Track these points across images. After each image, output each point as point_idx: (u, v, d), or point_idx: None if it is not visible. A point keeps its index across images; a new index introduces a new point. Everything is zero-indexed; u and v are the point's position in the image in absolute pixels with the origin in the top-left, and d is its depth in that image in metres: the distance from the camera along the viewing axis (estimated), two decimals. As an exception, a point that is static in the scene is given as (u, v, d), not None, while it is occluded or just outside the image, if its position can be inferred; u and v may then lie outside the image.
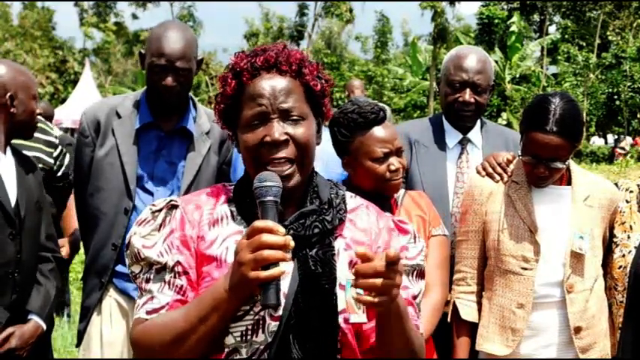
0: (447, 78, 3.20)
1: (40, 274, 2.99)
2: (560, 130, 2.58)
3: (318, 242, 1.66)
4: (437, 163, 3.17)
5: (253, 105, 1.66)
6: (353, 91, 8.16)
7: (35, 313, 2.92)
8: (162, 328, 1.59)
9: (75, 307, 6.29)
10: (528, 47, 34.73)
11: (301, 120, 1.67)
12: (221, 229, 1.68)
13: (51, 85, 35.95)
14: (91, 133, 3.15)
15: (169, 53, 3.00)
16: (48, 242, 3.04)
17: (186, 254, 1.66)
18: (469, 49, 3.30)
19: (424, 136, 3.22)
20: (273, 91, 1.66)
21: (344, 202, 1.76)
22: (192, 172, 3.11)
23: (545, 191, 2.76)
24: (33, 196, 2.93)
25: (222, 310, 1.55)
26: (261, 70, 1.68)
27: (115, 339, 3.13)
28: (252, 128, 1.66)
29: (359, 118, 2.66)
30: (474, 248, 2.83)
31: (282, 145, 1.64)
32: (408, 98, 35.31)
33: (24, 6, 46.60)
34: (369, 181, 2.68)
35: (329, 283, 1.64)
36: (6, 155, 2.91)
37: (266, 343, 1.60)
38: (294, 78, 1.69)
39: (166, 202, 1.72)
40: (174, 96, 3.06)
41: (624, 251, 2.74)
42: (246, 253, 1.48)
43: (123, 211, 3.07)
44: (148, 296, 1.66)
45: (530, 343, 2.70)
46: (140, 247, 1.68)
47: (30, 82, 2.98)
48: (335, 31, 45.81)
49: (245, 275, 1.48)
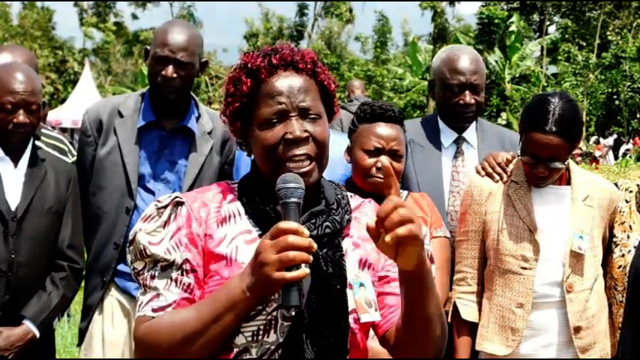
0: (444, 82, 3.18)
1: (51, 281, 3.00)
2: (559, 131, 2.59)
3: (328, 242, 1.66)
4: (432, 163, 3.17)
5: (272, 103, 1.65)
6: (353, 91, 8.14)
7: (29, 318, 2.91)
8: (171, 327, 1.57)
9: (75, 306, 6.29)
10: (528, 47, 34.68)
11: (318, 118, 1.68)
12: (229, 227, 1.67)
13: (51, 85, 35.96)
14: (93, 132, 3.16)
15: (172, 43, 3.02)
16: (68, 251, 3.03)
17: (193, 252, 1.65)
18: (459, 49, 3.30)
19: (419, 136, 3.22)
20: (292, 89, 1.66)
21: (348, 203, 1.77)
22: (194, 172, 3.11)
23: (545, 191, 2.76)
24: (45, 201, 2.95)
25: (237, 309, 1.54)
26: (279, 68, 1.67)
27: (116, 338, 3.13)
28: (271, 126, 1.65)
29: (368, 109, 2.72)
30: (474, 248, 2.84)
31: (302, 142, 1.64)
32: (408, 98, 35.27)
33: (24, 6, 46.53)
34: (356, 173, 2.73)
35: (340, 284, 1.64)
36: (13, 160, 2.94)
37: (277, 343, 1.59)
38: (310, 77, 1.70)
39: (171, 198, 1.70)
40: (174, 90, 3.06)
41: (624, 251, 2.74)
42: (270, 253, 1.48)
43: (124, 211, 3.08)
44: (153, 293, 1.64)
45: (530, 343, 2.70)
46: (146, 243, 1.65)
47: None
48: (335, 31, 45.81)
49: (269, 276, 1.48)
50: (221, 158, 3.22)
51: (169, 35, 3.04)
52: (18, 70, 2.88)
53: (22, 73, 2.88)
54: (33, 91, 2.87)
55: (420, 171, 3.14)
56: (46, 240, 2.97)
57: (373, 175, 2.68)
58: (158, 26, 3.27)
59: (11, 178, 2.92)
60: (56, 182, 3.01)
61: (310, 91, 1.68)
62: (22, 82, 2.84)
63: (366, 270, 1.72)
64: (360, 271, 1.70)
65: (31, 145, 3.01)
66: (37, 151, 3.02)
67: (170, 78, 3.02)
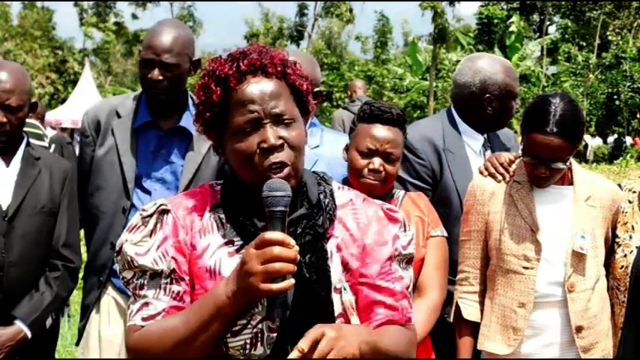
0: (513, 94, 3.23)
1: (44, 281, 2.99)
2: (560, 131, 2.58)
3: (310, 248, 1.64)
4: (466, 168, 3.16)
5: (244, 111, 1.61)
6: (355, 91, 8.13)
7: (20, 318, 2.90)
8: (162, 336, 1.58)
9: (75, 306, 6.30)
10: (528, 47, 34.72)
11: (293, 122, 1.64)
12: (212, 237, 1.66)
13: (51, 85, 35.98)
14: (91, 132, 3.17)
15: (155, 46, 3.01)
16: (63, 249, 3.02)
17: (181, 261, 1.64)
18: (494, 57, 3.34)
19: (449, 143, 3.21)
20: (264, 95, 1.62)
21: (332, 200, 1.73)
22: (191, 172, 3.11)
23: (547, 191, 2.76)
24: (38, 201, 2.94)
25: (223, 315, 1.54)
26: (247, 74, 1.63)
27: (113, 337, 3.14)
28: (245, 135, 1.62)
29: (367, 110, 2.72)
30: (477, 248, 2.83)
31: (278, 150, 1.61)
32: (408, 98, 35.28)
33: (24, 6, 46.58)
34: (350, 172, 2.74)
35: (324, 290, 1.63)
36: (5, 160, 2.93)
37: (265, 355, 1.59)
38: (280, 79, 1.66)
39: (157, 206, 1.68)
40: (162, 91, 3.05)
41: (626, 251, 2.74)
42: (256, 264, 1.47)
43: (121, 210, 3.08)
44: (142, 302, 1.63)
45: (532, 343, 2.70)
46: (133, 254, 1.64)
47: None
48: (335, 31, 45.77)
49: (255, 286, 1.48)
50: (220, 158, 3.21)
51: (154, 37, 3.04)
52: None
53: (4, 71, 2.86)
54: (12, 90, 2.84)
55: (458, 178, 3.13)
56: (38, 239, 2.96)
57: (365, 176, 2.68)
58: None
59: (3, 178, 2.91)
60: (50, 181, 2.99)
61: (282, 95, 1.64)
62: (0, 81, 2.82)
63: (347, 274, 1.70)
64: (342, 274, 1.69)
65: (25, 144, 3.00)
66: (31, 150, 3.01)
67: (156, 80, 3.02)
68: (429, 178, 3.13)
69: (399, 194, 2.87)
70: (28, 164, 2.96)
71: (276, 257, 1.46)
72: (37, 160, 3.00)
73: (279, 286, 1.47)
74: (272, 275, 1.47)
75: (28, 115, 3.00)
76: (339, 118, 7.58)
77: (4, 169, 2.93)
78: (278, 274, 1.47)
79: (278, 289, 1.47)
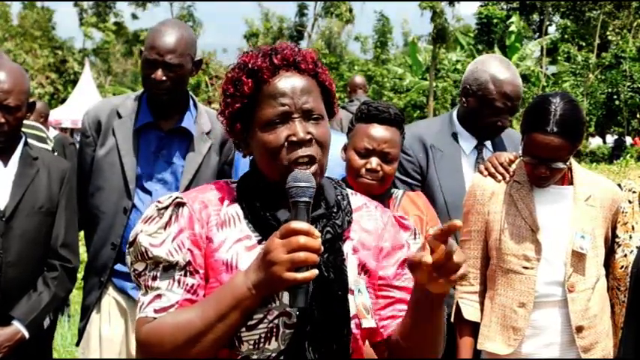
0: (487, 100, 3.10)
1: (42, 281, 2.98)
2: (560, 131, 2.59)
3: (328, 247, 1.64)
4: (454, 168, 3.17)
5: (275, 104, 1.62)
6: (355, 91, 8.03)
7: (17, 318, 2.90)
8: (175, 328, 1.55)
9: (75, 306, 6.30)
10: (528, 47, 34.70)
11: (321, 119, 1.66)
12: (229, 231, 1.65)
13: (51, 85, 35.91)
14: (92, 133, 3.17)
15: (159, 46, 3.01)
16: (61, 249, 3.02)
17: (197, 254, 1.62)
18: (508, 67, 3.19)
19: (438, 141, 3.20)
20: (295, 90, 1.63)
21: (349, 203, 1.75)
22: (192, 172, 3.12)
23: (547, 191, 2.76)
24: (36, 201, 2.94)
25: (243, 307, 1.52)
26: (280, 68, 1.65)
27: (113, 337, 3.14)
28: (274, 127, 1.62)
29: (365, 109, 2.73)
30: (477, 248, 2.83)
31: (306, 144, 1.61)
32: (408, 98, 35.24)
33: (24, 6, 46.56)
34: (347, 172, 2.75)
35: (341, 289, 1.63)
36: (3, 160, 2.93)
37: (279, 350, 1.58)
38: (312, 77, 1.67)
39: (172, 199, 1.67)
40: (165, 91, 3.05)
41: (626, 251, 2.74)
42: (281, 253, 1.47)
43: (122, 211, 3.09)
44: (154, 293, 1.61)
45: (532, 343, 2.70)
46: (148, 245, 1.62)
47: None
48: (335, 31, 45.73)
49: (279, 275, 1.47)
50: (220, 158, 3.22)
51: (157, 38, 3.03)
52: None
53: (2, 71, 2.86)
54: (11, 90, 2.84)
55: (443, 176, 3.14)
56: (36, 239, 2.95)
57: (362, 175, 2.69)
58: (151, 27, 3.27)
59: (0, 178, 2.91)
60: (49, 181, 2.99)
61: (313, 92, 1.66)
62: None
63: (363, 275, 1.71)
64: (358, 276, 1.70)
65: (23, 144, 3.00)
66: (29, 150, 3.00)
67: (159, 81, 3.02)
68: (416, 174, 3.16)
69: (398, 193, 2.88)
70: (26, 164, 2.96)
71: (302, 246, 1.46)
72: (35, 160, 2.99)
73: (304, 275, 1.46)
74: (297, 264, 1.46)
75: (26, 115, 3.00)
76: (337, 117, 7.54)
77: (2, 168, 2.93)
78: (303, 264, 1.46)
79: (303, 279, 1.46)
